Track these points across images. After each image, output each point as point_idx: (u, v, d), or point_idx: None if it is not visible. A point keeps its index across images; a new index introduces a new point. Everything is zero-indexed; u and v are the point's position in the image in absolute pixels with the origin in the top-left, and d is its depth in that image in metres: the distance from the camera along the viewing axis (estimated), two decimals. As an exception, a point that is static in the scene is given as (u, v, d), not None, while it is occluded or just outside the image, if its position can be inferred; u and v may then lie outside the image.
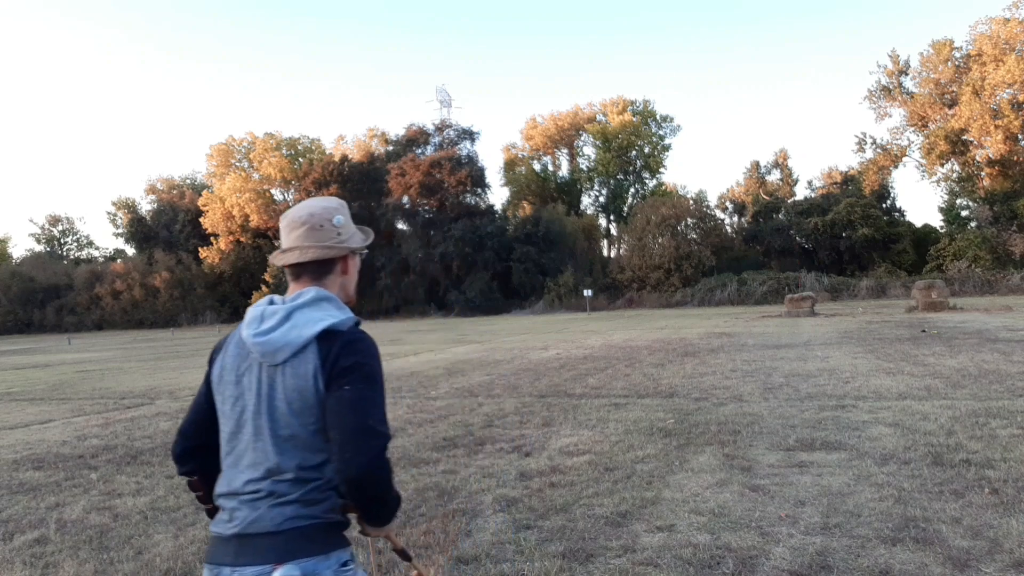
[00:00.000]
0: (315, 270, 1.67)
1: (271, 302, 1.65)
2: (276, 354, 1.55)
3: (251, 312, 1.65)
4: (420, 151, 58.22)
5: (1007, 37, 44.23)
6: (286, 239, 1.69)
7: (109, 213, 74.47)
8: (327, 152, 65.91)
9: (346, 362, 1.52)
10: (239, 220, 62.08)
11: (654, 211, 51.87)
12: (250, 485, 1.53)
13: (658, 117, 64.15)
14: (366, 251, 1.83)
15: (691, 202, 55.42)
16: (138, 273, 63.19)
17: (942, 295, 25.56)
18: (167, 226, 67.83)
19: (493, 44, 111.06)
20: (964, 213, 50.76)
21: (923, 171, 51.41)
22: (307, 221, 1.66)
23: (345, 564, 1.56)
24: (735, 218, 58.56)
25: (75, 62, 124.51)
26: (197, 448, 1.70)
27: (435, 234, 53.78)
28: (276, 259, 1.70)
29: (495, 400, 9.23)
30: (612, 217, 64.62)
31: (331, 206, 1.72)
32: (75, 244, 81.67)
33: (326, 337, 1.55)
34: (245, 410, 1.58)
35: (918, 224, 51.87)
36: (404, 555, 1.86)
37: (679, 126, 78.28)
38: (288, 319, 1.58)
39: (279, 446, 1.53)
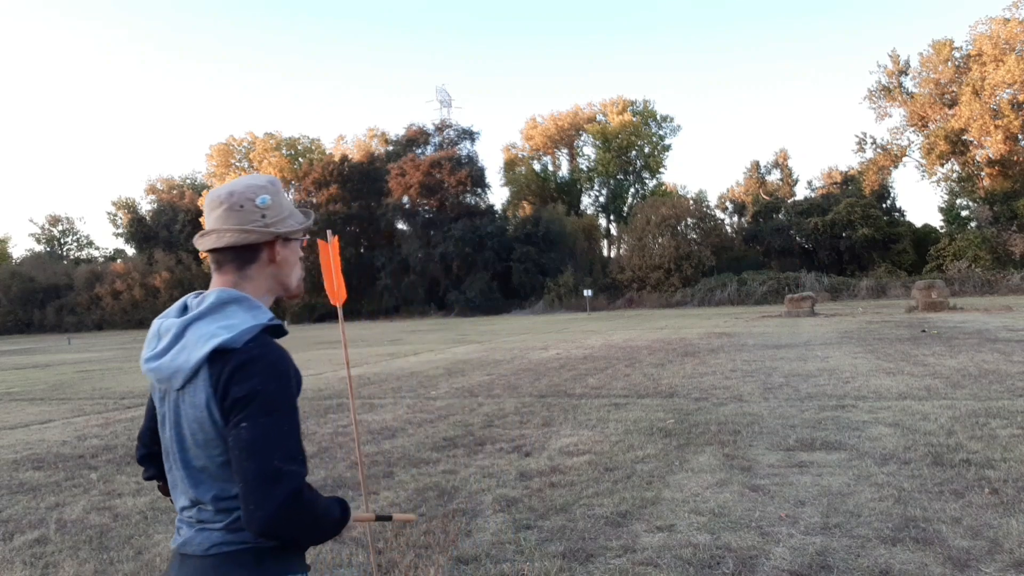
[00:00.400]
0: (236, 258, 1.45)
1: (183, 308, 1.45)
2: (171, 381, 1.37)
3: (152, 327, 1.46)
4: (420, 151, 58.27)
5: (1007, 37, 44.25)
6: (207, 220, 1.49)
7: (109, 213, 74.50)
8: (327, 152, 65.96)
9: (239, 391, 1.29)
10: (239, 220, 62.06)
11: (654, 211, 51.90)
12: (185, 512, 1.44)
13: (658, 117, 64.20)
14: (306, 236, 1.59)
15: (691, 202, 55.45)
16: (138, 273, 63.25)
17: (942, 295, 25.56)
18: (167, 226, 67.83)
19: (493, 44, 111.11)
20: (964, 213, 50.79)
21: (923, 171, 51.47)
22: (225, 200, 1.45)
23: None
24: (735, 218, 58.61)
25: (75, 62, 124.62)
26: (154, 454, 1.59)
27: (435, 234, 53.79)
28: (197, 243, 1.51)
29: (495, 400, 9.23)
30: (612, 217, 64.65)
31: (256, 184, 1.49)
32: (75, 244, 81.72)
33: (217, 359, 1.32)
34: (168, 435, 1.44)
35: (918, 224, 51.94)
36: (383, 518, 1.72)
37: (679, 126, 78.42)
38: (181, 337, 1.37)
39: (193, 477, 1.40)
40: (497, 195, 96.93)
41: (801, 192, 58.47)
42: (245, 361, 1.31)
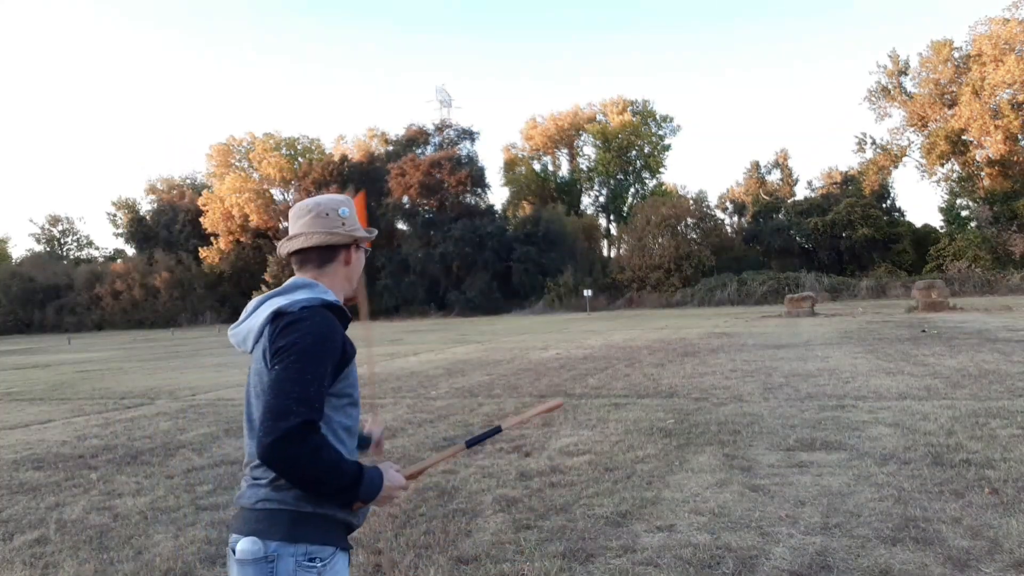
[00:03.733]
0: (318, 258, 1.70)
1: (270, 295, 1.68)
2: (245, 342, 1.63)
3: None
4: (420, 151, 58.26)
5: (1007, 37, 44.24)
6: (293, 226, 1.74)
7: (109, 213, 74.51)
8: (327, 152, 65.91)
9: (282, 342, 1.50)
10: (239, 220, 62.06)
11: (654, 211, 51.92)
12: (246, 468, 1.61)
13: (658, 117, 64.21)
14: (369, 249, 1.86)
15: (691, 202, 55.45)
16: (138, 273, 63.24)
17: (942, 295, 25.56)
18: (167, 226, 67.81)
19: (493, 44, 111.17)
20: (964, 213, 50.81)
21: (923, 171, 51.49)
22: (313, 209, 1.71)
23: (313, 560, 1.52)
24: (735, 218, 58.63)
25: (75, 62, 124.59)
26: None
27: (435, 234, 53.77)
28: (282, 247, 1.74)
29: (495, 400, 9.23)
30: (612, 217, 64.66)
31: (339, 199, 1.76)
32: (75, 244, 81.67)
33: (274, 319, 1.56)
34: (245, 395, 1.65)
35: (918, 224, 51.98)
36: (475, 442, 1.95)
37: (679, 126, 78.41)
38: (258, 308, 1.64)
39: (251, 431, 1.56)
40: (497, 195, 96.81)
41: (801, 192, 58.53)
42: (294, 320, 1.53)
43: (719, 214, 57.82)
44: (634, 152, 63.22)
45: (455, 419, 7.91)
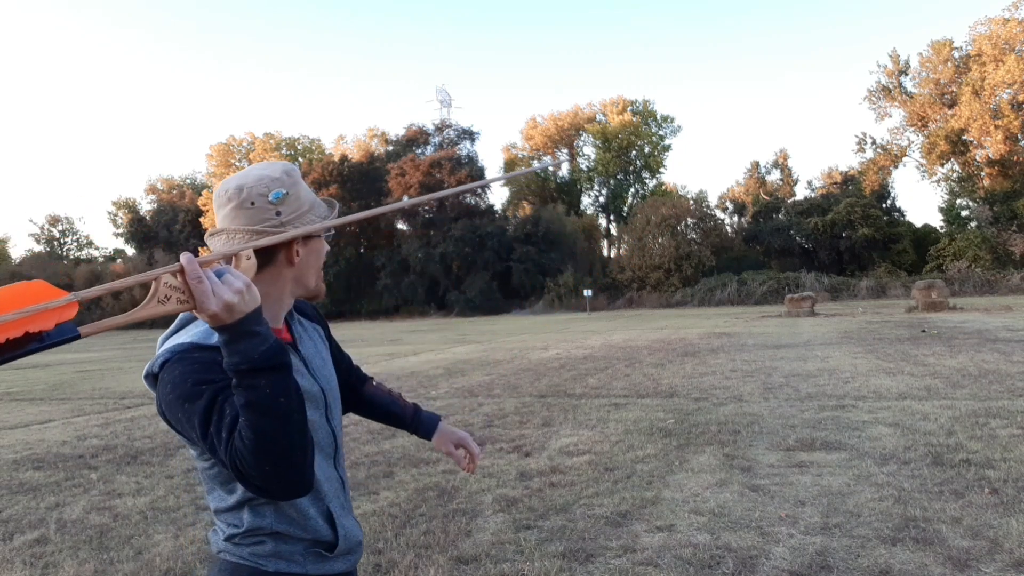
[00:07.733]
0: None
1: (167, 334, 1.40)
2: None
3: None
4: (420, 151, 58.27)
5: (1007, 37, 44.26)
6: (216, 217, 1.34)
7: (109, 213, 74.45)
8: (327, 152, 65.95)
9: (175, 425, 1.25)
10: (239, 220, 62.10)
11: (654, 211, 51.90)
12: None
13: (658, 117, 64.19)
14: (331, 232, 1.45)
15: (691, 202, 55.44)
16: (138, 273, 63.29)
17: (942, 295, 25.55)
18: (167, 226, 67.78)
19: (493, 44, 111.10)
20: (964, 213, 50.82)
21: (923, 171, 51.50)
22: (234, 197, 1.29)
23: None
24: (735, 218, 58.60)
25: (75, 62, 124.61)
26: None
27: (435, 234, 53.75)
28: (208, 243, 1.37)
29: (495, 400, 9.23)
30: (612, 217, 64.65)
31: (269, 175, 1.32)
32: (75, 244, 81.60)
33: (150, 382, 1.30)
34: None
35: (918, 224, 51.98)
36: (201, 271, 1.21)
37: (679, 126, 78.23)
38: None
39: (203, 480, 1.38)
40: (497, 195, 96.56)
41: (801, 192, 58.51)
42: (160, 392, 1.25)
43: (719, 214, 57.84)
44: (634, 152, 63.21)
45: (455, 419, 7.91)
